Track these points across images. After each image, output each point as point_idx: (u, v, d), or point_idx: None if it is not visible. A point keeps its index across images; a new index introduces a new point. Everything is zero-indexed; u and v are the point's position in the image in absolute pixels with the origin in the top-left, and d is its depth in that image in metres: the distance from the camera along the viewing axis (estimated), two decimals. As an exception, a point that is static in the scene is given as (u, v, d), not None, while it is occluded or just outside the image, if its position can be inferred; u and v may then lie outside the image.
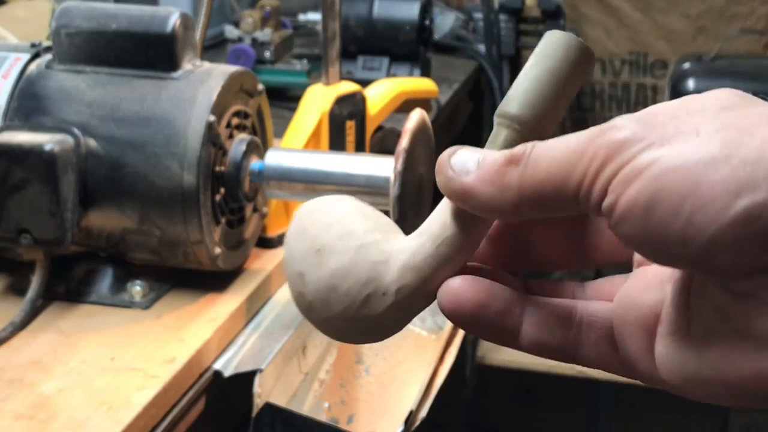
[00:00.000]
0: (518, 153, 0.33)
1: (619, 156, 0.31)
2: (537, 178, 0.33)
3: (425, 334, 1.02)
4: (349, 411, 0.94)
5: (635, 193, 0.30)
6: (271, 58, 1.47)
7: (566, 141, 0.32)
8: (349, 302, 0.37)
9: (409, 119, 0.84)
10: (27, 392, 0.73)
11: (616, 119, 0.32)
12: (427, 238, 0.37)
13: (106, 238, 0.87)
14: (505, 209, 0.34)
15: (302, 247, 0.38)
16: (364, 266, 0.37)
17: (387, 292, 0.37)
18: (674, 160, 0.30)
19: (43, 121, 0.86)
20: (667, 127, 0.31)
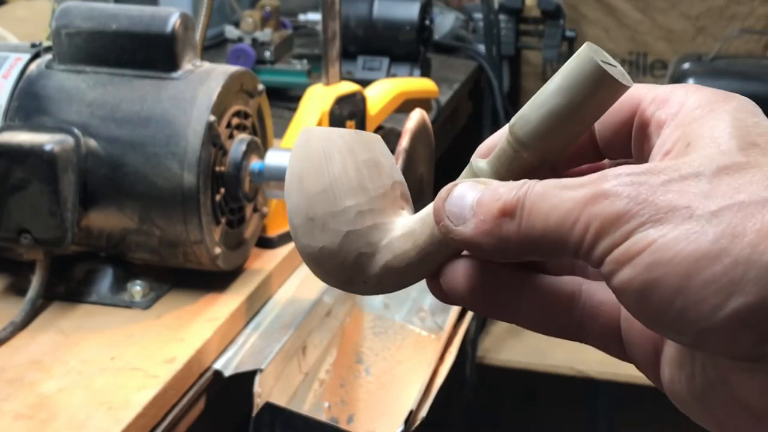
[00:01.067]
0: (511, 204, 0.33)
1: (612, 232, 0.31)
2: (534, 234, 0.33)
3: (425, 334, 1.02)
4: (349, 411, 0.94)
5: (628, 278, 0.30)
6: (272, 58, 1.47)
7: (560, 199, 0.32)
8: (332, 276, 0.39)
9: (409, 119, 0.84)
10: (27, 392, 0.73)
11: (609, 180, 0.31)
12: (412, 246, 0.37)
13: (107, 238, 0.87)
14: (509, 256, 0.34)
15: (296, 201, 0.39)
16: (350, 254, 0.38)
17: (368, 281, 0.38)
18: (667, 250, 0.30)
19: (44, 121, 0.86)
20: (660, 201, 0.30)
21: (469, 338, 1.75)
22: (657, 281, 0.30)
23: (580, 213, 0.31)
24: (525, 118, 0.35)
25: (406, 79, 1.42)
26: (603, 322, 0.37)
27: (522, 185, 0.33)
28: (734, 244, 0.29)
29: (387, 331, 1.02)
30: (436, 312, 1.04)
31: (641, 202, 0.31)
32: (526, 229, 0.33)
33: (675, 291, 0.30)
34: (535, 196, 0.33)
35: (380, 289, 0.38)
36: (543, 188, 0.33)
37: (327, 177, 0.38)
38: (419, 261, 0.37)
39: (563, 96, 0.34)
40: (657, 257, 0.30)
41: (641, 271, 0.30)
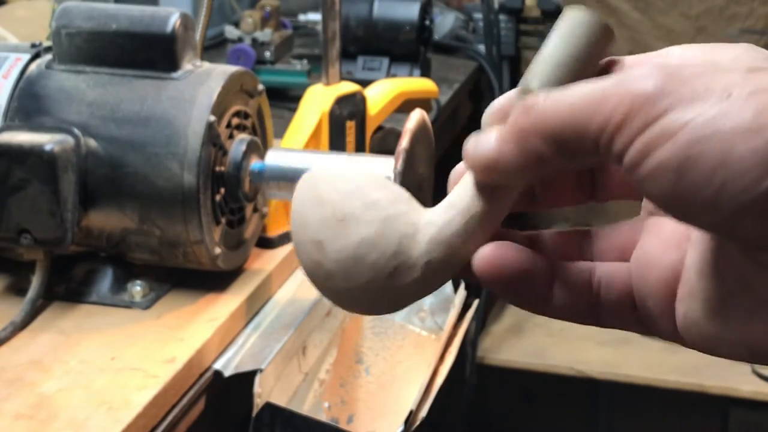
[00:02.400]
0: (531, 100, 0.33)
1: (644, 111, 0.30)
2: (556, 122, 0.32)
3: (425, 334, 1.02)
4: (349, 411, 0.94)
5: (666, 156, 0.30)
6: (271, 58, 1.47)
7: (584, 86, 0.32)
8: (375, 274, 0.36)
9: (409, 119, 0.84)
10: (27, 392, 0.73)
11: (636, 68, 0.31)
12: (456, 213, 0.36)
13: (107, 238, 0.87)
14: (529, 165, 0.34)
15: (320, 215, 0.37)
16: (392, 238, 0.36)
17: (415, 265, 0.36)
18: (707, 127, 0.30)
19: (44, 122, 0.86)
20: (696, 83, 0.30)
21: (469, 338, 1.75)
22: (697, 157, 0.30)
23: (608, 94, 0.31)
24: (533, 72, 0.36)
25: (406, 79, 1.42)
26: (618, 290, 0.37)
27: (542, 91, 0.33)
28: None
29: (387, 331, 1.02)
30: (436, 312, 1.04)
31: (676, 81, 0.30)
32: (550, 117, 0.32)
33: (716, 165, 0.29)
34: (558, 91, 0.32)
35: (429, 274, 0.36)
36: (555, 96, 0.32)
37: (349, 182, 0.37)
38: (465, 226, 0.36)
39: (561, 46, 0.36)
40: (697, 134, 0.30)
41: (681, 149, 0.30)
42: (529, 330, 1.90)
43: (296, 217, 0.38)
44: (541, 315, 0.37)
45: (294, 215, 0.38)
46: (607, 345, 1.83)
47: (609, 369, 1.77)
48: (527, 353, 1.83)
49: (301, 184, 0.39)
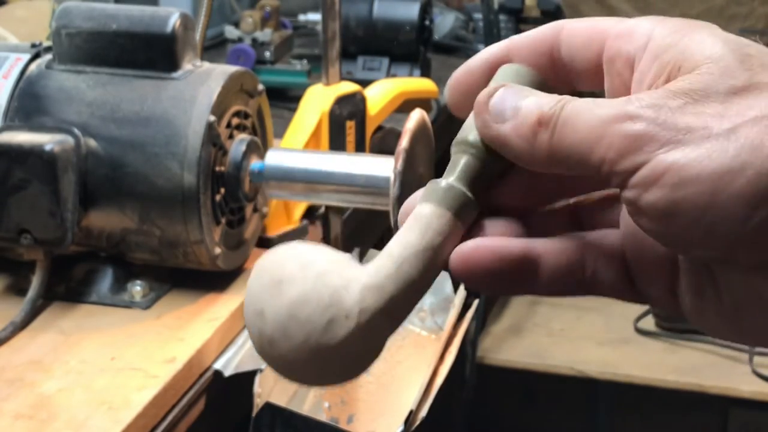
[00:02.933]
0: (547, 115, 0.34)
1: (634, 154, 0.32)
2: (563, 146, 0.33)
3: (425, 333, 1.02)
4: (349, 411, 0.94)
5: (654, 199, 0.31)
6: (271, 58, 1.47)
7: (590, 114, 0.33)
8: (310, 329, 0.36)
9: (409, 119, 0.84)
10: (27, 392, 0.73)
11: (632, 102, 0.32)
12: (386, 258, 0.36)
13: (107, 238, 0.87)
14: (536, 165, 0.35)
15: (261, 283, 0.37)
16: (325, 291, 0.36)
17: (349, 314, 0.35)
18: (690, 170, 0.31)
19: (44, 122, 0.86)
20: (678, 122, 0.31)
21: (469, 338, 1.75)
22: (683, 200, 0.31)
23: (605, 131, 0.32)
24: (466, 126, 0.38)
25: (406, 79, 1.42)
26: (615, 269, 0.37)
27: (561, 99, 0.34)
28: (755, 157, 0.30)
29: (387, 331, 1.02)
30: (436, 312, 1.04)
31: (660, 123, 0.31)
32: (557, 142, 0.34)
33: (702, 208, 0.31)
34: (570, 111, 0.34)
35: (364, 321, 0.35)
36: (577, 105, 0.34)
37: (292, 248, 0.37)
38: (397, 272, 0.36)
39: None
40: (681, 177, 0.31)
41: (667, 192, 0.31)
42: (529, 330, 1.90)
43: (246, 297, 0.38)
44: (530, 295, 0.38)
45: (246, 296, 0.38)
46: (607, 345, 1.83)
47: (609, 369, 1.77)
48: (527, 353, 1.83)
49: (254, 268, 0.39)
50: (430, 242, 0.36)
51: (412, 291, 0.36)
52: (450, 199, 0.36)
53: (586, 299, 1.38)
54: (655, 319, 1.84)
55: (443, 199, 0.36)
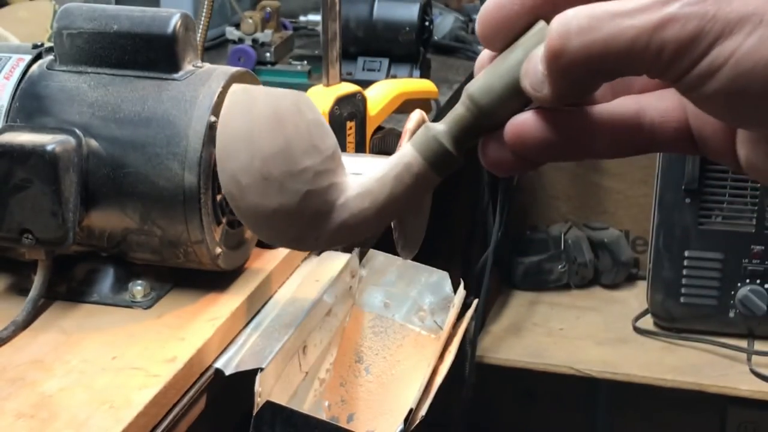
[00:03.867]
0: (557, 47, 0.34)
1: (691, 52, 0.33)
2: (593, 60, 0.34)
3: (425, 333, 1.03)
4: (349, 410, 0.94)
5: (715, 90, 0.33)
6: (272, 59, 1.47)
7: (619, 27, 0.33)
8: (281, 235, 0.39)
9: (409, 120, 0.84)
10: (28, 391, 0.74)
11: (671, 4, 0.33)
12: (370, 204, 0.39)
13: (108, 238, 0.87)
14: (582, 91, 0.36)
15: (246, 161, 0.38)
16: (306, 212, 0.39)
17: (320, 238, 0.39)
18: (749, 59, 0.32)
19: (45, 122, 0.86)
20: (727, 14, 0.32)
21: (469, 338, 1.75)
22: (743, 89, 0.32)
23: (650, 38, 0.33)
24: (487, 87, 0.38)
25: (406, 80, 1.43)
26: (673, 127, 0.38)
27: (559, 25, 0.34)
28: None
29: (387, 331, 1.02)
30: (436, 311, 1.04)
31: (711, 18, 0.32)
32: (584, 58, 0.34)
33: (761, 94, 0.32)
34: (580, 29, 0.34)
35: (329, 243, 0.40)
36: (588, 20, 0.34)
37: (282, 137, 0.39)
38: (375, 218, 0.39)
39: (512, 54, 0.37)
40: (739, 68, 0.32)
41: (726, 83, 0.32)
42: (528, 329, 1.91)
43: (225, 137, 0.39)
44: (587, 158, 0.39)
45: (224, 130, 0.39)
46: (606, 345, 1.84)
47: (608, 369, 1.77)
48: (527, 353, 1.83)
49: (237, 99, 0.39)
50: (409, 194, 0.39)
51: (378, 229, 0.40)
52: (436, 154, 0.39)
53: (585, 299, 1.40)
54: (654, 318, 1.84)
55: (430, 153, 0.40)
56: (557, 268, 1.99)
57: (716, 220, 1.72)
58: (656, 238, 1.75)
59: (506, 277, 2.03)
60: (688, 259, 1.74)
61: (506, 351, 1.84)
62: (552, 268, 1.99)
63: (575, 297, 1.98)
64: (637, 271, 2.02)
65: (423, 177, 0.39)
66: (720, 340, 1.77)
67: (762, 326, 1.75)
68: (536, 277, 2.00)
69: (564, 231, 2.00)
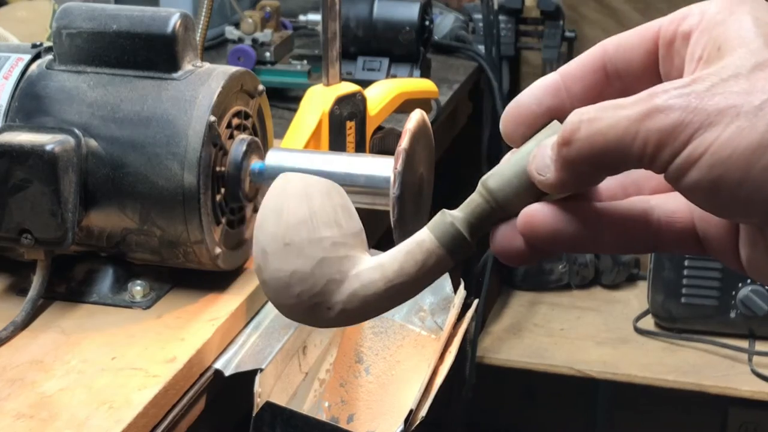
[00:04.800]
0: (567, 133, 0.36)
1: (672, 142, 0.34)
2: (593, 155, 0.36)
3: (425, 333, 1.03)
4: (349, 410, 0.94)
5: (695, 180, 0.34)
6: (272, 58, 1.47)
7: (615, 118, 0.35)
8: (297, 303, 0.41)
9: (409, 119, 0.84)
10: (28, 391, 0.74)
11: (659, 96, 0.35)
12: (380, 276, 0.41)
13: (107, 238, 0.87)
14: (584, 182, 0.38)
15: (273, 230, 0.41)
16: (321, 279, 0.41)
17: (332, 308, 0.41)
18: (725, 149, 0.33)
19: (44, 122, 0.86)
20: (708, 106, 0.34)
21: (469, 338, 1.75)
22: (721, 178, 0.34)
23: (638, 129, 0.35)
24: (501, 176, 0.40)
25: (406, 79, 1.42)
26: (679, 228, 0.40)
27: (577, 113, 0.36)
28: None
29: (387, 331, 1.02)
30: (436, 312, 1.04)
31: (692, 110, 0.34)
32: (586, 151, 0.36)
33: (738, 183, 0.34)
34: (590, 119, 0.36)
35: (342, 318, 0.41)
36: (594, 110, 0.36)
37: (307, 209, 0.42)
38: (385, 291, 0.41)
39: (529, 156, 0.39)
40: (716, 158, 0.34)
41: (705, 173, 0.34)
42: (528, 330, 1.91)
43: (261, 214, 0.42)
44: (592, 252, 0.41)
45: (261, 210, 0.43)
46: (606, 345, 1.84)
47: (608, 369, 1.77)
48: (527, 353, 1.83)
49: (276, 183, 0.43)
50: (419, 273, 0.41)
51: (389, 306, 0.41)
52: (449, 237, 0.41)
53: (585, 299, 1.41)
54: (655, 319, 1.84)
55: (443, 236, 0.41)
56: (558, 268, 1.99)
57: (717, 220, 1.72)
58: (657, 238, 1.75)
59: (506, 277, 2.03)
60: (689, 259, 1.74)
61: (506, 351, 1.84)
62: (552, 269, 1.99)
63: (576, 297, 1.98)
64: (637, 272, 2.02)
65: (436, 258, 0.41)
66: (721, 341, 1.76)
67: (763, 327, 1.75)
68: (537, 278, 2.00)
69: (564, 231, 1.99)
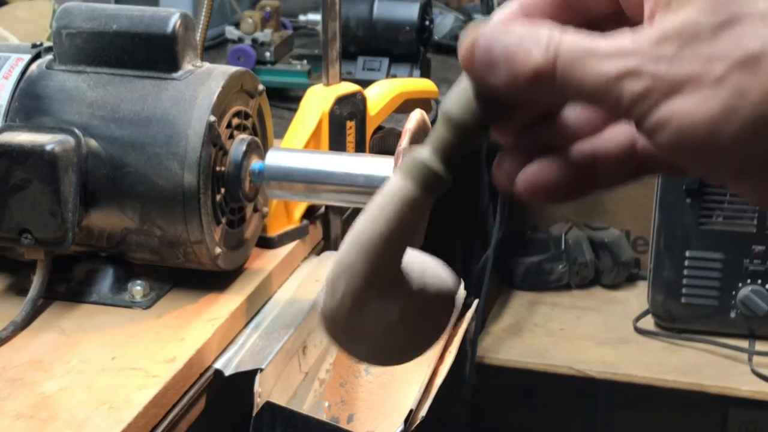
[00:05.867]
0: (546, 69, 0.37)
1: (642, 106, 0.36)
2: (568, 94, 0.37)
3: (425, 333, 1.02)
4: (349, 410, 0.94)
5: (664, 140, 0.36)
6: (272, 58, 1.47)
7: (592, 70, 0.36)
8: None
9: (409, 119, 0.84)
10: (28, 391, 0.74)
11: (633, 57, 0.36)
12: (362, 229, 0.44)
13: (107, 238, 0.87)
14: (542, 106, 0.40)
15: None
16: None
17: None
18: (690, 117, 0.35)
19: (44, 122, 0.86)
20: (676, 72, 0.35)
21: (469, 338, 1.75)
22: (687, 142, 0.36)
23: (612, 87, 0.36)
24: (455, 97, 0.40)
25: (406, 79, 1.42)
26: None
27: (548, 43, 0.37)
28: (743, 102, 0.34)
29: (387, 331, 1.02)
30: (436, 312, 1.04)
31: (661, 78, 0.35)
32: (560, 90, 0.37)
33: (703, 147, 0.35)
34: (566, 62, 0.37)
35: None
36: (571, 53, 0.37)
37: None
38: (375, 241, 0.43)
39: None
40: (682, 124, 0.35)
41: (671, 137, 0.36)
42: (528, 330, 1.90)
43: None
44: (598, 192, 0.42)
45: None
46: (606, 345, 1.83)
47: (609, 369, 1.77)
48: (527, 353, 1.83)
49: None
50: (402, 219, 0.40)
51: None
52: (424, 177, 0.39)
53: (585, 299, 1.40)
54: (655, 318, 1.84)
55: (416, 175, 0.40)
56: (558, 268, 1.98)
57: (717, 220, 1.72)
58: (657, 238, 1.75)
59: (506, 277, 2.02)
60: (689, 259, 1.74)
61: (506, 351, 1.84)
62: (552, 268, 1.99)
63: (576, 297, 1.98)
64: (637, 272, 2.02)
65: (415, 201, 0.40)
66: (721, 341, 1.76)
67: (763, 326, 1.75)
68: (537, 278, 2.00)
69: (564, 231, 1.99)
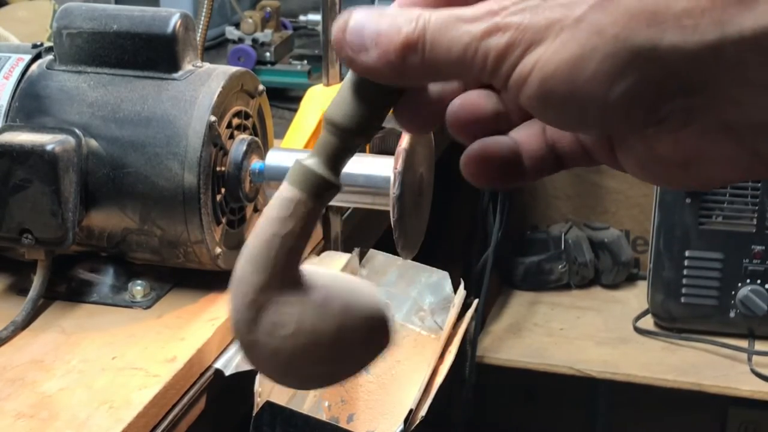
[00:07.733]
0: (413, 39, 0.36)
1: (507, 59, 0.35)
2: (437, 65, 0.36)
3: (425, 333, 1.03)
4: (349, 410, 0.94)
5: (529, 95, 0.35)
6: (272, 58, 1.47)
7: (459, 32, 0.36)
8: None
9: (408, 120, 0.84)
10: (28, 391, 0.74)
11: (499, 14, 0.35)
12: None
13: (107, 238, 0.87)
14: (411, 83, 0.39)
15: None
16: None
17: None
18: (551, 64, 0.34)
19: (45, 122, 0.86)
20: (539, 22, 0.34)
21: (469, 338, 1.75)
22: (550, 93, 0.34)
23: (478, 46, 0.35)
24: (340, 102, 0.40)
25: (406, 79, 1.42)
26: (568, 140, 0.41)
27: (418, 17, 0.36)
28: (601, 40, 0.33)
29: (387, 331, 1.02)
30: (436, 312, 1.04)
31: (524, 28, 0.35)
32: (430, 61, 0.36)
33: (566, 96, 0.34)
34: (435, 30, 0.36)
35: None
36: (440, 21, 0.36)
37: None
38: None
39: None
40: (544, 73, 0.34)
41: (536, 88, 0.35)
42: (528, 330, 1.91)
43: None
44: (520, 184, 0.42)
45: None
46: (606, 344, 1.84)
47: (608, 369, 1.77)
48: (527, 353, 1.83)
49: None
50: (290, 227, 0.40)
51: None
52: (309, 182, 0.40)
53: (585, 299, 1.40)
54: (655, 318, 1.84)
55: (303, 183, 0.40)
56: (557, 268, 1.99)
57: (717, 220, 1.72)
58: (657, 238, 1.75)
59: (506, 277, 2.03)
60: (689, 259, 1.74)
61: (506, 351, 1.84)
62: (552, 268, 1.99)
63: (575, 297, 1.98)
64: (637, 271, 2.02)
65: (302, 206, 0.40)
66: (720, 341, 1.76)
67: (763, 326, 1.75)
68: (536, 277, 2.00)
69: (564, 231, 2.00)
